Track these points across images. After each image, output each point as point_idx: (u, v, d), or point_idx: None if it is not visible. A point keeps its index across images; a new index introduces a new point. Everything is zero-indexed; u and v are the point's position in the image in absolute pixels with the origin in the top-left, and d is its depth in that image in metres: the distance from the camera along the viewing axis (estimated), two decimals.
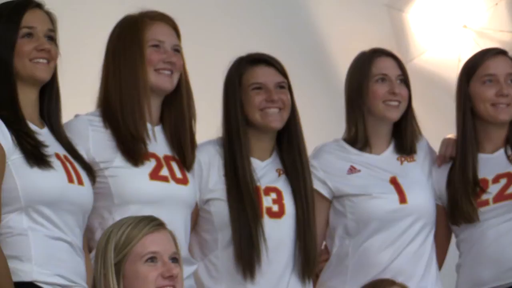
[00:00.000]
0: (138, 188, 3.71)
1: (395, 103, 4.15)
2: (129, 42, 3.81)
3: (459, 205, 4.11)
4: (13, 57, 3.50)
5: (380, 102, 4.14)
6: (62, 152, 3.53)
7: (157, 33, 3.83)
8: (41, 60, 3.52)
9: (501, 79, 4.15)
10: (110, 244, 3.11)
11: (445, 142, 4.33)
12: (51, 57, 3.55)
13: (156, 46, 3.80)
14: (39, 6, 3.58)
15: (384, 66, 4.20)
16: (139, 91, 3.75)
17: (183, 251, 3.60)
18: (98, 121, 3.78)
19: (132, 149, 3.72)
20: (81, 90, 3.84)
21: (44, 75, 3.53)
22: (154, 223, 3.17)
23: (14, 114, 3.46)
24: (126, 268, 3.11)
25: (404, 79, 4.20)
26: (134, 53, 3.78)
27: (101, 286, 3.07)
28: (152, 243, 3.14)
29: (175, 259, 3.15)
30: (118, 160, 3.72)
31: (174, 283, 3.13)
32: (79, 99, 3.84)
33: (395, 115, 4.17)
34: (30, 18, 3.55)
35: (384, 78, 4.16)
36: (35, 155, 3.42)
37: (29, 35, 3.52)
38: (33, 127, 3.50)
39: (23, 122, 3.48)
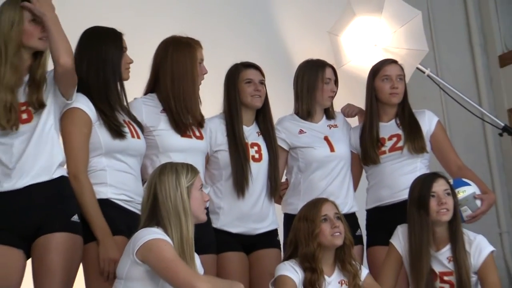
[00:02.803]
0: (173, 142, 3.73)
1: (332, 96, 4.28)
2: (182, 57, 3.79)
3: (367, 153, 4.20)
4: (121, 68, 3.54)
5: (327, 97, 4.24)
6: (127, 119, 3.56)
7: (201, 53, 3.85)
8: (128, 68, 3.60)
9: (394, 78, 4.22)
10: (181, 176, 3.12)
11: (347, 105, 4.49)
12: None
13: (200, 62, 3.84)
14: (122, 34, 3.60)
15: (330, 73, 4.27)
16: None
17: (203, 180, 3.64)
18: (150, 101, 3.77)
19: (179, 121, 3.74)
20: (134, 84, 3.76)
21: (128, 77, 3.61)
22: (197, 170, 3.22)
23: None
24: (192, 192, 3.14)
25: (336, 81, 4.30)
26: (186, 65, 3.78)
27: (175, 202, 3.08)
28: (200, 179, 3.19)
29: None
30: (161, 125, 3.72)
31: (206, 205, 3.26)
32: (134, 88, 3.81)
33: (330, 103, 4.30)
34: (124, 42, 3.59)
35: (327, 82, 4.24)
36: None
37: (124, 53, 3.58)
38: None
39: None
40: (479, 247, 3.74)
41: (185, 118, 3.76)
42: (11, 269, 3.20)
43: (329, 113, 4.33)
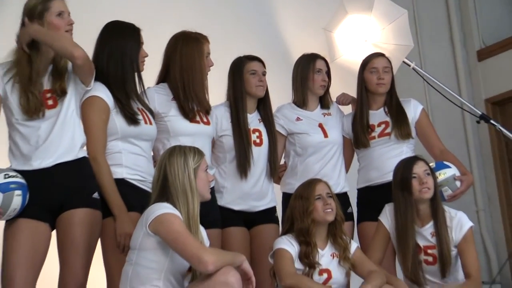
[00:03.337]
0: (183, 127, 3.72)
1: (324, 86, 4.24)
2: (191, 50, 3.77)
3: (359, 138, 4.19)
4: (138, 61, 3.53)
5: (318, 86, 4.23)
6: (141, 107, 3.54)
7: (208, 48, 3.82)
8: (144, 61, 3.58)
9: (380, 70, 4.21)
10: (188, 158, 3.13)
11: (342, 94, 4.45)
12: None
13: (207, 56, 3.79)
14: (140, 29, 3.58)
15: (321, 64, 4.26)
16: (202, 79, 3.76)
17: (208, 162, 3.59)
18: (161, 90, 3.76)
19: (187, 108, 3.73)
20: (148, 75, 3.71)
21: (143, 69, 3.56)
22: (203, 152, 3.22)
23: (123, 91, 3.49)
24: (198, 173, 3.14)
25: (328, 72, 4.28)
26: (194, 58, 3.76)
27: (183, 181, 3.09)
28: (205, 162, 3.19)
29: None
30: (172, 112, 3.71)
31: (212, 185, 3.26)
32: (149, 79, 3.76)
33: (322, 92, 4.26)
34: (141, 36, 3.57)
35: (318, 71, 4.23)
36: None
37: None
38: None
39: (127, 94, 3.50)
40: (460, 223, 3.75)
41: (192, 106, 3.74)
42: (39, 241, 3.23)
43: (325, 102, 4.31)
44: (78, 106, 3.39)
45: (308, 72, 4.24)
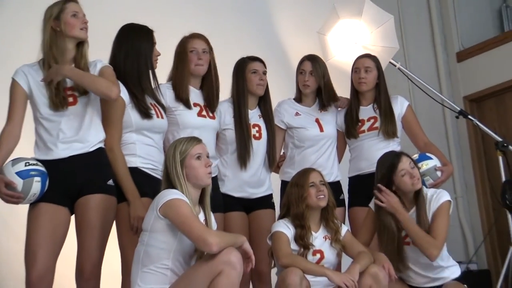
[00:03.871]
0: (191, 121, 3.72)
1: (307, 85, 4.16)
2: (176, 53, 3.81)
3: (350, 131, 4.17)
4: (152, 59, 3.50)
5: (301, 85, 4.18)
6: (153, 102, 3.53)
7: (193, 43, 3.80)
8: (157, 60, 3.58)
9: (362, 69, 4.17)
10: (176, 151, 3.12)
11: (339, 98, 4.30)
12: None
13: (192, 51, 3.78)
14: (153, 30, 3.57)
15: (303, 65, 4.20)
16: (185, 75, 3.77)
17: (212, 152, 3.72)
18: (170, 87, 3.76)
19: (185, 103, 3.74)
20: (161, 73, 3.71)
21: (156, 67, 3.56)
22: (197, 140, 3.20)
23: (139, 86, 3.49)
24: (186, 162, 3.12)
25: (313, 73, 4.15)
26: (179, 56, 3.79)
27: (172, 172, 3.11)
28: (197, 149, 3.16)
29: (208, 157, 3.21)
30: (181, 107, 3.72)
31: (210, 170, 3.18)
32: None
33: (307, 91, 4.17)
34: (154, 37, 3.56)
35: (301, 72, 4.18)
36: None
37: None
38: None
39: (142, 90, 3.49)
40: (439, 196, 3.67)
41: (184, 97, 3.74)
42: (58, 223, 3.22)
43: (322, 103, 4.22)
44: (98, 104, 3.38)
45: (296, 73, 4.23)
